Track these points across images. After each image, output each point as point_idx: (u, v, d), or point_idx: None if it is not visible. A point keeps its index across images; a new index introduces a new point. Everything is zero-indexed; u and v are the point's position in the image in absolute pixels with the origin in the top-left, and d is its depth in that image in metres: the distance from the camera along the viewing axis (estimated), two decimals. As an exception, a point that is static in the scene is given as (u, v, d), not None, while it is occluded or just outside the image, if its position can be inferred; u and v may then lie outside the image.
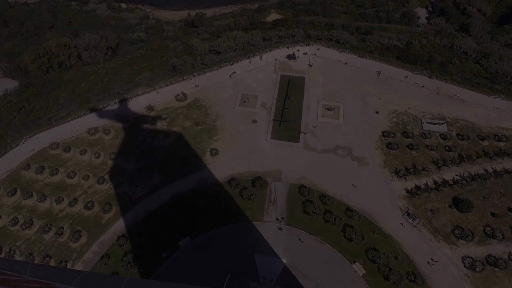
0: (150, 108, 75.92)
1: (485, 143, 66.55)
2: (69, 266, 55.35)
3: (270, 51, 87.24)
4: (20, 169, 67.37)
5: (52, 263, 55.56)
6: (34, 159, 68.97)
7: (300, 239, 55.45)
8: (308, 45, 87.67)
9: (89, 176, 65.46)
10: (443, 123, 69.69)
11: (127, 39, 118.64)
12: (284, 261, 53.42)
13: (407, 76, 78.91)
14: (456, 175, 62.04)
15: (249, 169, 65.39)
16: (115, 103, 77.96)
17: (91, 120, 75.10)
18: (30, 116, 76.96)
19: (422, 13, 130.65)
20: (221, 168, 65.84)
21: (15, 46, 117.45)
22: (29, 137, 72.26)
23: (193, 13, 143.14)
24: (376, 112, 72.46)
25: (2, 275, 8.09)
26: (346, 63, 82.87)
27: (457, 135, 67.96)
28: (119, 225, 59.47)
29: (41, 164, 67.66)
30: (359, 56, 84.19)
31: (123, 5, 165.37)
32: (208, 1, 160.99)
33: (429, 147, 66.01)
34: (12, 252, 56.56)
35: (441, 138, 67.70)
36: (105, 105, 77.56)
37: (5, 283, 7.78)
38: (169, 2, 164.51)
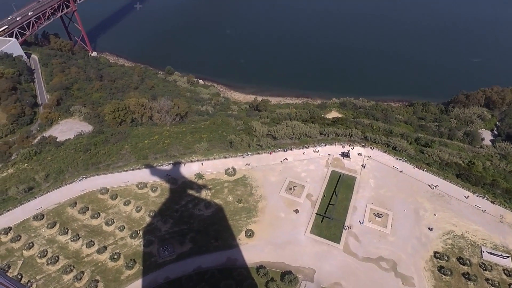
0: (199, 175, 78.42)
1: (560, 293, 56.37)
2: (76, 317, 53.12)
3: (325, 145, 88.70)
4: (66, 204, 70.87)
5: (61, 308, 53.96)
6: (82, 198, 72.61)
7: None
8: (364, 146, 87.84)
9: (124, 228, 66.38)
10: (508, 257, 61.40)
11: (196, 110, 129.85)
12: None
13: (467, 196, 73.53)
14: (522, 325, 52.06)
15: (281, 260, 61.44)
16: (169, 164, 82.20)
17: (143, 175, 79.19)
18: (92, 159, 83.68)
19: (486, 135, 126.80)
20: (253, 251, 62.88)
21: (102, 97, 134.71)
22: (85, 177, 77.41)
23: (259, 98, 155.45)
24: (429, 229, 66.61)
25: None
26: (401, 171, 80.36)
27: (525, 275, 58.87)
28: (136, 286, 57.26)
29: (86, 205, 70.80)
30: (416, 167, 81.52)
31: (201, 81, 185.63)
32: (275, 90, 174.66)
33: (490, 282, 57.50)
34: (29, 284, 56.45)
35: (505, 273, 59.05)
36: (159, 164, 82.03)
37: None
38: (240, 86, 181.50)
